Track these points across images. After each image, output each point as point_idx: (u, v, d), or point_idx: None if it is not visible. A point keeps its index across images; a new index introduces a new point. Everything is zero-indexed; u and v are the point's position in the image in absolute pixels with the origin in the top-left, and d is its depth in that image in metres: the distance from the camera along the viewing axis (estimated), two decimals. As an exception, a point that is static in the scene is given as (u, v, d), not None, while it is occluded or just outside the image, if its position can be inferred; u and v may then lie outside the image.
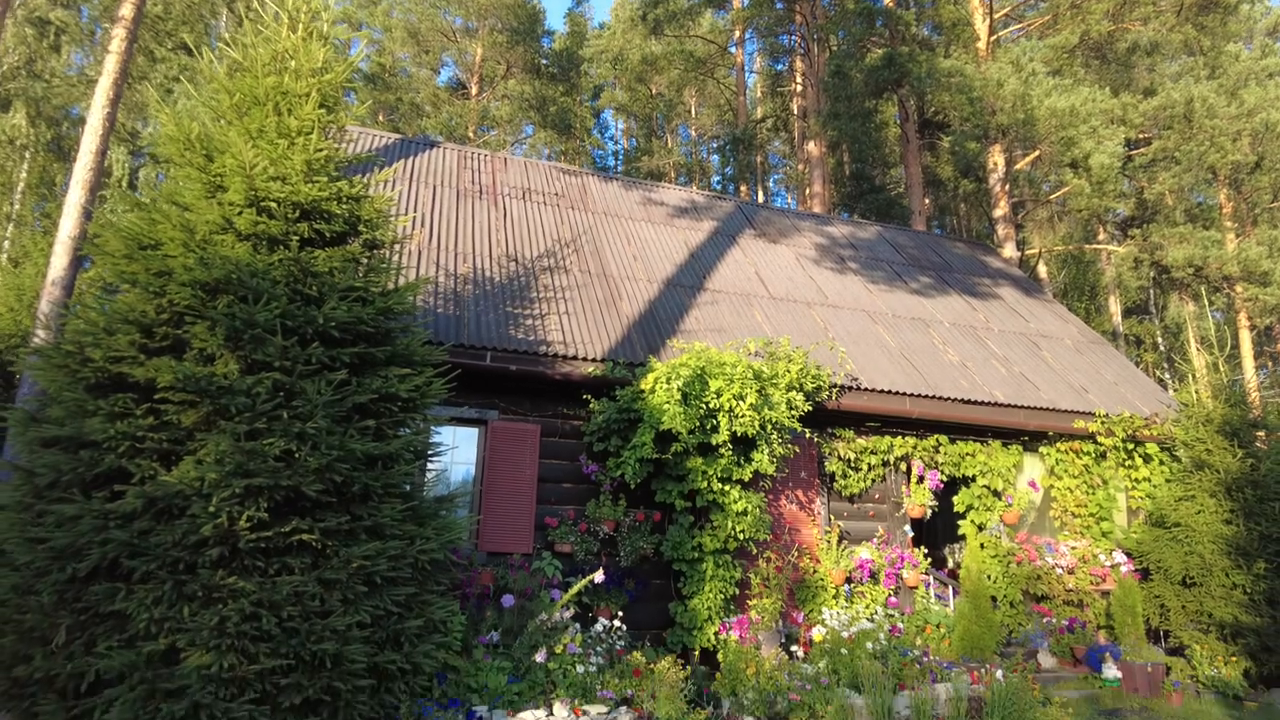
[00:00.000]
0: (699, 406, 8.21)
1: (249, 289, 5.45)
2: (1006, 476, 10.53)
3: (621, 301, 10.22)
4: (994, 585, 10.05)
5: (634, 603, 8.65)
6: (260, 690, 4.74)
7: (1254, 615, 9.41)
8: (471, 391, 8.64)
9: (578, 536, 8.56)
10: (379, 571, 5.32)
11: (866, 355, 10.66)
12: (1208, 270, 18.16)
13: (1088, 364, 12.60)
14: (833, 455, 9.94)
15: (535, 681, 6.13)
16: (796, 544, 9.47)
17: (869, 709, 6.44)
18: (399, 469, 5.67)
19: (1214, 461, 10.32)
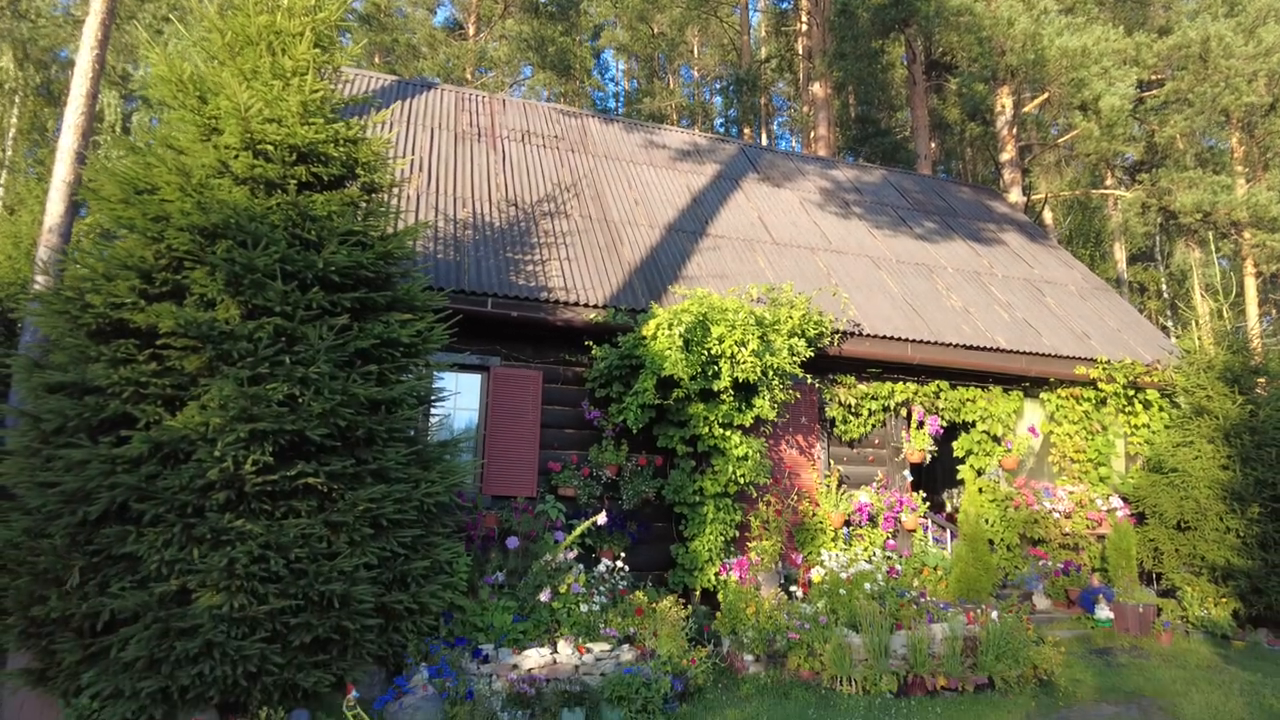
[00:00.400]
0: (701, 353, 8.21)
1: (248, 234, 5.41)
2: (1006, 422, 10.59)
3: (623, 247, 10.14)
4: (991, 529, 10.19)
5: (636, 545, 8.79)
6: (271, 630, 4.85)
7: (1245, 558, 9.56)
8: (473, 338, 8.63)
9: (580, 481, 8.65)
10: (385, 514, 5.39)
11: (869, 301, 10.62)
12: (1216, 216, 17.96)
13: (1091, 310, 12.55)
14: (833, 401, 9.98)
15: (540, 620, 6.27)
16: (796, 488, 9.57)
17: (867, 647, 6.59)
18: (402, 414, 5.70)
19: (1213, 408, 10.36)
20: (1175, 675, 7.36)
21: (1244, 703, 6.47)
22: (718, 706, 5.92)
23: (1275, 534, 9.59)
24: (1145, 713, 6.24)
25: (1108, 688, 6.90)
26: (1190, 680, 7.15)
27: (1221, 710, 6.23)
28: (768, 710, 5.88)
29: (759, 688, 6.41)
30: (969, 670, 6.62)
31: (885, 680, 6.34)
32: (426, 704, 5.11)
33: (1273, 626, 9.69)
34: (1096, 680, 7.11)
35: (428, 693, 5.16)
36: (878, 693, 6.30)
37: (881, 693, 6.29)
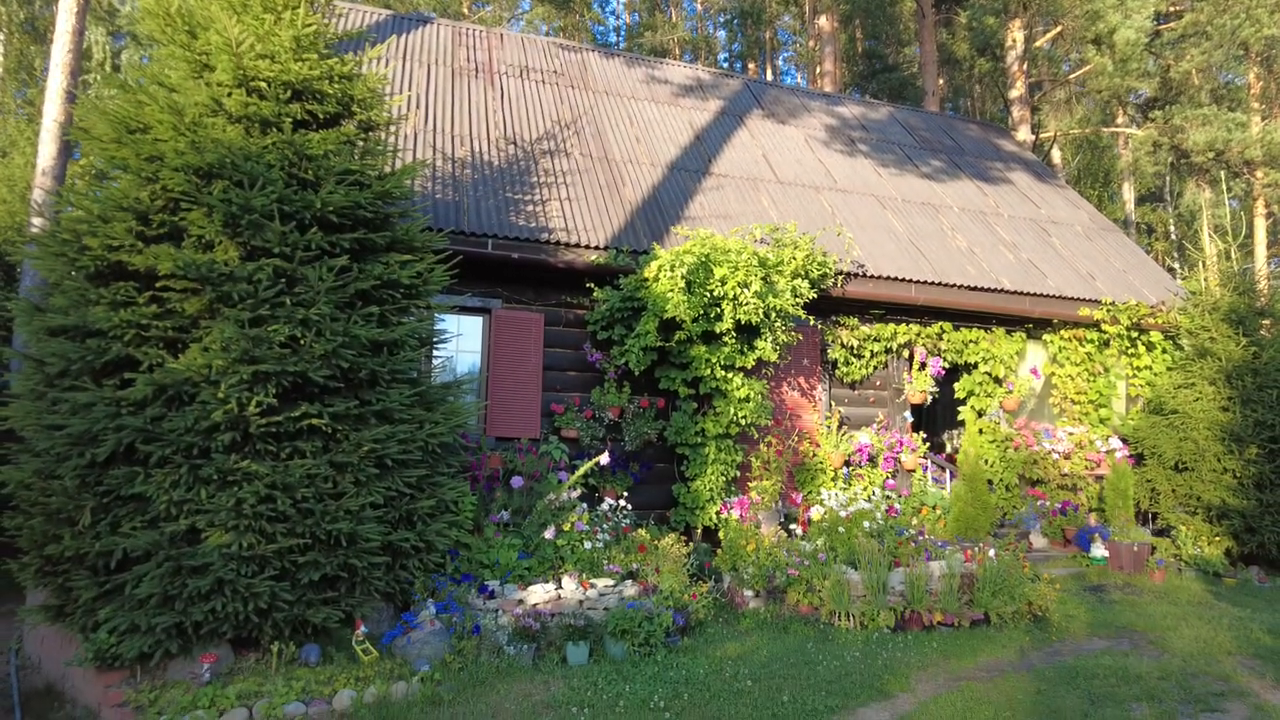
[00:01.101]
0: (703, 295, 8.16)
1: (244, 173, 5.33)
2: (1008, 363, 10.59)
3: (624, 186, 10.00)
4: (991, 469, 10.29)
5: (639, 485, 8.89)
6: (280, 568, 4.95)
7: (1241, 498, 9.67)
8: (474, 280, 8.58)
9: (583, 422, 8.71)
10: (389, 454, 5.44)
11: (874, 241, 10.51)
12: (1229, 154, 17.63)
13: (1097, 251, 12.43)
14: (836, 342, 9.97)
15: (544, 557, 6.39)
16: (797, 429, 9.63)
17: (865, 584, 6.72)
18: (404, 355, 5.70)
19: (1216, 349, 10.35)
20: (1166, 611, 7.51)
21: (1232, 636, 6.62)
22: (718, 640, 6.07)
23: (1271, 474, 9.68)
24: (1135, 646, 6.39)
25: (1100, 623, 7.05)
26: (1180, 616, 7.31)
27: (1210, 643, 6.38)
28: (767, 643, 6.03)
29: (759, 622, 6.56)
30: (965, 606, 6.76)
31: (883, 615, 6.48)
32: (434, 638, 5.24)
33: (1264, 564, 9.86)
34: (1089, 616, 7.26)
35: (435, 627, 5.29)
36: (875, 628, 6.44)
37: (879, 628, 6.44)
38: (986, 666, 5.72)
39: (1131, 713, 4.81)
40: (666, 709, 4.58)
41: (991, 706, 4.76)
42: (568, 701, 4.68)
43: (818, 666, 5.46)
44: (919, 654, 5.89)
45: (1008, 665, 5.75)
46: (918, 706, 4.80)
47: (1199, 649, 6.22)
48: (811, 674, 5.30)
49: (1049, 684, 5.28)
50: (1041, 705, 4.84)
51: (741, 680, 5.09)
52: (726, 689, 4.92)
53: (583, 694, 4.78)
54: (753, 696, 4.82)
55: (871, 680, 5.22)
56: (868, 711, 4.73)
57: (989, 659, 5.92)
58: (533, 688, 4.94)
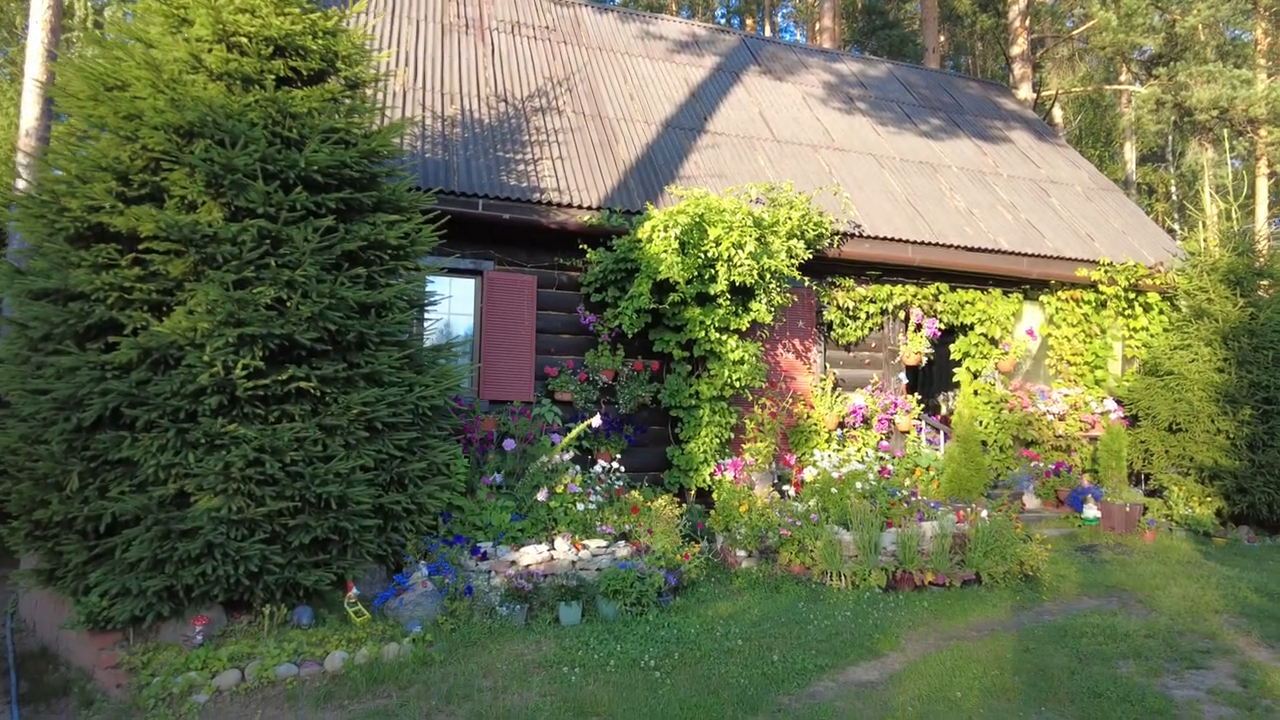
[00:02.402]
0: (697, 256, 8.07)
1: (225, 132, 5.20)
2: (1005, 325, 10.54)
3: (618, 145, 9.83)
4: (985, 430, 10.30)
5: (633, 447, 8.89)
6: (271, 531, 4.94)
7: (1233, 459, 9.70)
8: (465, 241, 8.48)
9: (577, 385, 8.67)
10: (379, 417, 5.41)
11: (871, 201, 10.38)
12: (1233, 112, 17.37)
13: (1096, 211, 12.31)
14: (831, 304, 9.90)
15: (537, 519, 6.40)
16: (792, 391, 9.61)
17: (857, 544, 6.75)
18: (393, 317, 5.64)
19: (1214, 310, 10.29)
20: (1156, 570, 7.57)
21: (1219, 595, 6.68)
22: (710, 599, 6.11)
23: (1264, 435, 9.70)
24: (1124, 604, 6.45)
25: (1090, 582, 7.11)
26: (1170, 575, 7.36)
27: (1198, 602, 6.44)
28: (759, 603, 6.07)
29: (751, 582, 6.60)
30: (957, 567, 6.80)
31: (874, 575, 6.51)
32: (426, 599, 5.26)
33: (1253, 524, 9.93)
34: (1080, 575, 7.32)
35: (427, 589, 5.31)
36: (866, 587, 6.48)
37: (870, 587, 6.48)
38: (977, 626, 5.77)
39: (1118, 670, 4.85)
40: (657, 668, 4.61)
41: (980, 665, 4.80)
42: (559, 661, 4.72)
43: (809, 626, 5.50)
44: (910, 614, 5.94)
45: (998, 625, 5.80)
46: (907, 665, 4.85)
47: (1187, 607, 6.27)
48: (802, 633, 5.34)
49: (1037, 643, 5.32)
50: (1029, 664, 4.89)
51: (732, 639, 5.13)
52: (717, 648, 4.96)
53: (574, 653, 4.81)
54: (743, 655, 4.85)
55: (862, 639, 5.26)
56: (858, 670, 4.77)
57: (980, 618, 5.97)
58: (524, 647, 4.98)
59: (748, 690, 4.34)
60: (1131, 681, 4.63)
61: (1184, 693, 4.55)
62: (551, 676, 4.50)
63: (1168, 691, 4.54)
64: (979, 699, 4.32)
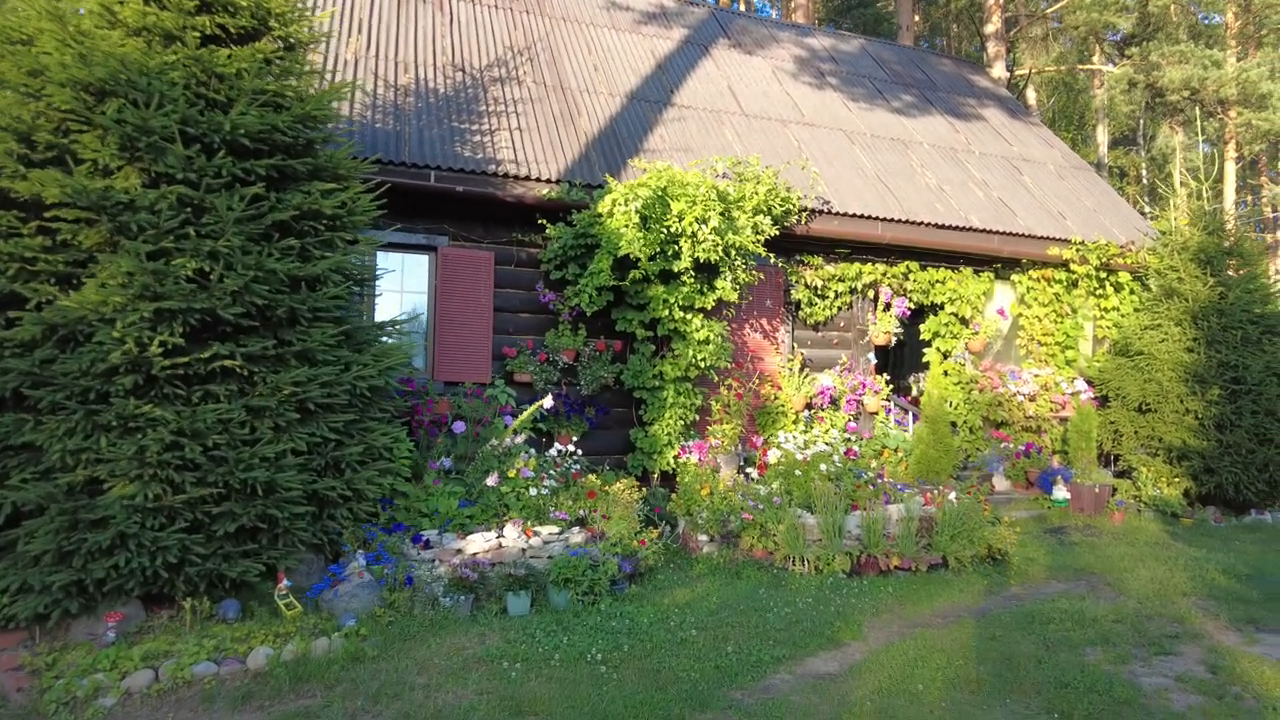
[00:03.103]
0: (659, 231, 7.77)
1: (141, 91, 4.81)
2: (975, 304, 10.36)
3: (580, 117, 9.47)
4: (955, 411, 10.14)
5: (595, 430, 8.62)
6: (192, 519, 4.60)
7: (1201, 439, 9.62)
8: (418, 215, 8.12)
9: (537, 366, 8.37)
10: (311, 398, 5.07)
11: (840, 177, 10.13)
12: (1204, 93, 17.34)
13: (1068, 190, 12.16)
14: (799, 283, 9.65)
15: (488, 505, 6.10)
16: (758, 371, 9.38)
17: (821, 528, 6.54)
18: (327, 291, 5.28)
19: (1184, 290, 10.19)
20: (1124, 552, 7.45)
21: (1187, 577, 6.55)
22: (668, 586, 5.86)
23: (1232, 415, 9.63)
24: (1093, 588, 6.30)
25: (1059, 565, 6.96)
26: (1138, 557, 7.24)
27: (1166, 584, 6.30)
28: (718, 589, 5.83)
29: (712, 568, 6.37)
30: (923, 551, 6.61)
31: (839, 560, 6.30)
32: (363, 591, 4.96)
33: (1220, 504, 9.88)
34: (1049, 558, 7.17)
35: (364, 579, 5.00)
36: (830, 572, 6.28)
37: (834, 572, 6.27)
38: (942, 612, 5.58)
39: (1085, 658, 4.67)
40: (604, 661, 4.35)
41: (944, 655, 4.60)
42: (501, 655, 4.44)
43: (768, 614, 5.28)
44: (874, 600, 5.73)
45: (964, 610, 5.62)
46: (868, 656, 4.63)
47: (1155, 590, 6.13)
48: (761, 622, 5.11)
49: (1004, 629, 5.13)
50: (995, 652, 4.69)
51: (687, 629, 4.88)
52: (670, 639, 4.71)
53: (518, 646, 4.54)
54: (696, 647, 4.61)
55: (822, 628, 5.04)
56: (816, 661, 4.55)
57: (945, 604, 5.78)
58: (467, 640, 4.70)
59: (699, 685, 4.09)
60: (1099, 670, 4.45)
61: (1153, 680, 4.38)
62: (491, 672, 4.22)
63: (1136, 680, 4.37)
64: (942, 691, 4.12)
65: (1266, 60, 19.00)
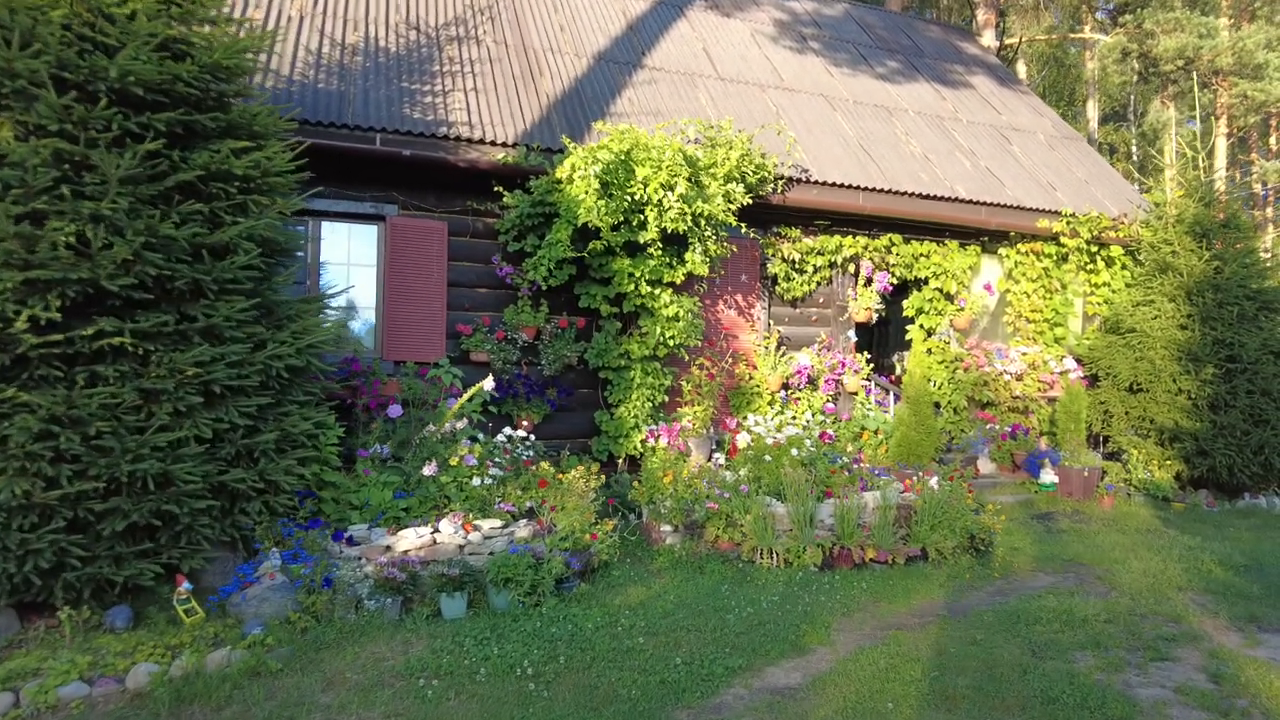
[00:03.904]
0: (623, 198, 7.21)
1: (5, 28, 4.20)
2: (961, 279, 9.86)
3: (542, 78, 8.86)
4: (939, 391, 9.68)
5: (558, 412, 8.10)
6: (72, 517, 4.07)
7: (1194, 420, 9.20)
8: (365, 182, 7.54)
9: (494, 345, 7.83)
10: (218, 380, 4.52)
11: (820, 145, 9.57)
12: (1198, 63, 16.80)
13: (1059, 160, 11.64)
14: (776, 256, 9.12)
15: (427, 496, 5.59)
16: (732, 350, 8.87)
17: (791, 517, 6.06)
18: (236, 261, 4.71)
19: (1178, 264, 9.73)
20: (1115, 541, 7.03)
21: (1182, 569, 6.12)
22: (623, 583, 5.38)
23: (1227, 395, 9.21)
24: (1082, 581, 5.86)
25: (1045, 556, 6.52)
26: (1129, 546, 6.81)
27: (1160, 577, 5.87)
28: (677, 586, 5.36)
29: (673, 561, 5.89)
30: (901, 541, 6.15)
31: (809, 553, 5.83)
32: (274, 594, 4.44)
33: (1213, 488, 9.49)
34: (1035, 548, 6.73)
35: (275, 581, 4.48)
36: (800, 565, 5.81)
37: (805, 565, 5.81)
38: (920, 610, 5.12)
39: (1075, 664, 4.22)
40: (536, 676, 3.86)
41: (919, 664, 4.14)
42: (422, 668, 3.95)
43: (728, 615, 4.80)
44: (845, 596, 5.27)
45: (943, 608, 5.16)
46: (835, 665, 4.16)
47: (1148, 585, 5.70)
48: (720, 625, 4.64)
49: (987, 631, 4.68)
50: (976, 660, 4.23)
51: (635, 636, 4.40)
52: (615, 647, 4.23)
53: (442, 658, 4.05)
54: (644, 657, 4.13)
55: (787, 631, 4.57)
56: (777, 672, 4.07)
57: (924, 601, 5.32)
58: (389, 649, 4.20)
59: (639, 705, 3.61)
60: (1090, 681, 3.99)
61: (1149, 692, 3.93)
62: (405, 690, 3.72)
63: (1131, 691, 3.92)
64: (914, 709, 3.65)
65: (1262, 30, 18.47)
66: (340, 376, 7.09)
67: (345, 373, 7.14)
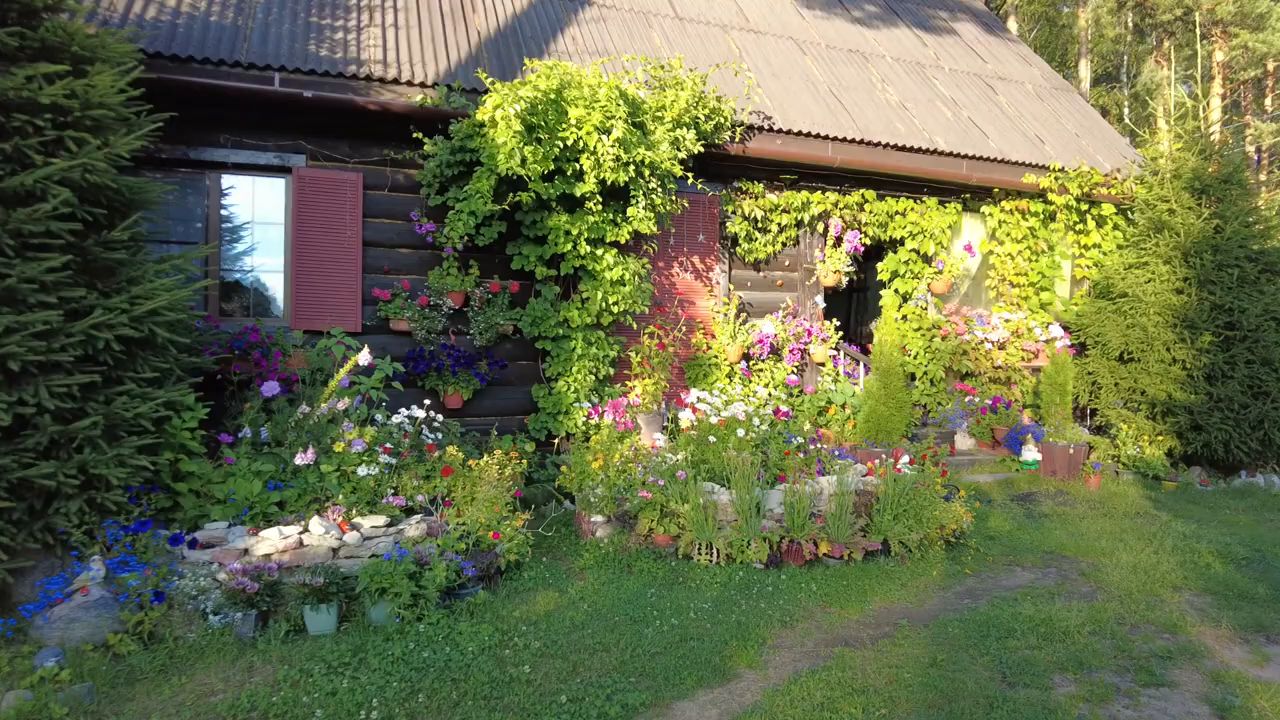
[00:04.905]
0: (553, 145, 6.36)
1: None
2: (940, 239, 9.05)
3: (475, 14, 7.93)
4: (914, 361, 8.93)
5: (491, 386, 7.32)
6: None
7: (1189, 392, 8.49)
8: (269, 130, 6.68)
9: (416, 312, 7.02)
10: (15, 355, 3.70)
11: (787, 91, 8.69)
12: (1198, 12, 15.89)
13: (1048, 112, 10.79)
14: (737, 214, 8.28)
15: (307, 489, 4.79)
16: (688, 318, 8.07)
17: (735, 506, 5.32)
18: (42, 209, 3.86)
19: (1174, 223, 8.95)
20: (1101, 527, 6.32)
21: (1177, 562, 5.42)
22: (533, 588, 4.63)
23: (1225, 365, 8.50)
24: (1064, 578, 5.15)
25: (1024, 546, 5.81)
26: (1118, 534, 6.11)
27: (1152, 574, 5.17)
28: (597, 590, 4.62)
29: (600, 558, 5.15)
30: (860, 533, 5.41)
31: (754, 547, 5.09)
32: (87, 613, 3.66)
33: (1206, 465, 8.82)
34: (1013, 537, 6.03)
35: (90, 597, 3.70)
36: (744, 562, 5.08)
37: (749, 562, 5.07)
38: (875, 618, 4.39)
39: (1053, 692, 3.51)
40: (384, 722, 3.11)
41: (863, 697, 3.40)
42: (251, 706, 3.19)
43: (648, 629, 4.06)
44: (790, 601, 4.54)
45: (903, 615, 4.44)
46: (763, 697, 3.42)
47: (1139, 583, 4.99)
48: (634, 642, 3.90)
49: (951, 647, 3.96)
50: (936, 688, 3.51)
51: (523, 661, 3.65)
52: (494, 678, 3.47)
53: (280, 692, 3.29)
54: (525, 692, 3.37)
55: (713, 651, 3.84)
56: (689, 709, 3.33)
57: (881, 605, 4.60)
58: (223, 680, 3.44)
59: (501, 763, 2.87)
60: (1071, 715, 3.28)
61: (1141, 730, 3.22)
62: (215, 743, 2.97)
63: (1119, 730, 3.21)
64: (850, 761, 2.92)
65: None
66: (236, 348, 6.30)
67: (242, 344, 6.33)
